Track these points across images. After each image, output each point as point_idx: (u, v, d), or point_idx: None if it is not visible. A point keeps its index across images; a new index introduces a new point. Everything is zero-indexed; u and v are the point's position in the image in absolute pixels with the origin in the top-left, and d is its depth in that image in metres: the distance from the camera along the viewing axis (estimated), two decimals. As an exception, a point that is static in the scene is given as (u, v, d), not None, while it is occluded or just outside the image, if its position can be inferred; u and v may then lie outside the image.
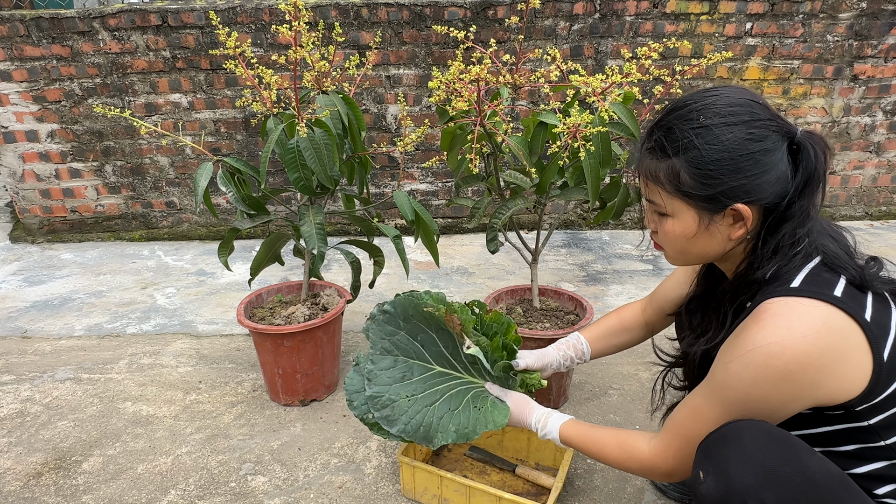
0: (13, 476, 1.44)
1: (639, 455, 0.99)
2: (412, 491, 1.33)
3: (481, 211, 1.59)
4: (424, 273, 2.68)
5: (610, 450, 1.04)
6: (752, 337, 0.80)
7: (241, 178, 1.55)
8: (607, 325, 1.33)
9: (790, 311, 0.79)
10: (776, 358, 0.77)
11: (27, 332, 2.19)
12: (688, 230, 0.90)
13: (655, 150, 0.89)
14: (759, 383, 0.79)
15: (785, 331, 0.77)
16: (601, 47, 2.92)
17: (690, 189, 0.86)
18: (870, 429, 0.81)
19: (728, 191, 0.84)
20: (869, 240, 3.03)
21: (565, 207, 3.15)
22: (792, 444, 0.78)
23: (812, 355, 0.76)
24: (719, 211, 0.87)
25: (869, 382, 0.79)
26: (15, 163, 3.01)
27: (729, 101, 0.85)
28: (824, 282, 0.82)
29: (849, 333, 0.78)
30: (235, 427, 1.61)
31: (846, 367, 0.78)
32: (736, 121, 0.83)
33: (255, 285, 2.23)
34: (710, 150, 0.83)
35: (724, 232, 0.89)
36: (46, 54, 2.80)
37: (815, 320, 0.77)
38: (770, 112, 0.85)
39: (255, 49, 2.83)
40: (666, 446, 0.95)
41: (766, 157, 0.82)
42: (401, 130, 3.02)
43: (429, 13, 2.79)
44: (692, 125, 0.85)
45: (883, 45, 2.98)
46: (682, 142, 0.85)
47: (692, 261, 0.98)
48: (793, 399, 0.80)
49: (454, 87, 1.39)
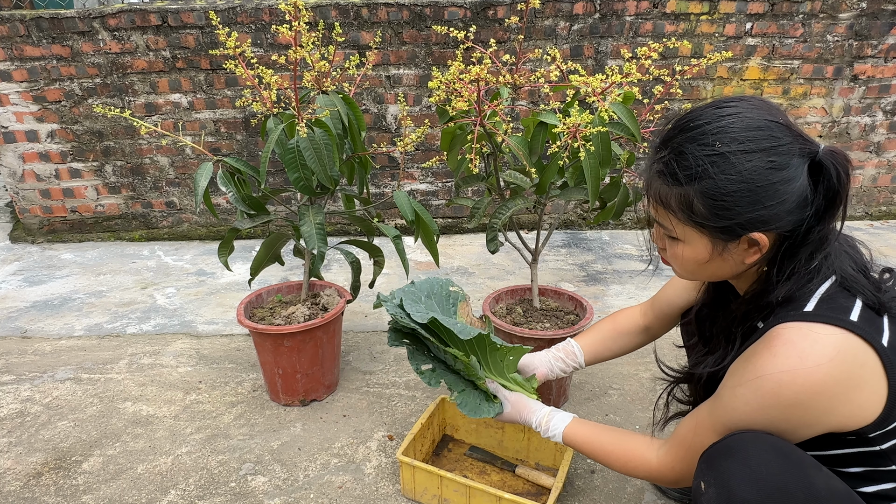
0: (13, 476, 1.44)
1: (647, 466, 0.99)
2: (412, 491, 1.33)
3: (481, 211, 1.59)
4: (424, 273, 2.68)
5: (615, 458, 1.04)
6: (762, 363, 0.77)
7: (241, 178, 1.55)
8: (601, 330, 1.32)
9: (803, 337, 0.76)
10: (787, 387, 0.75)
11: (27, 332, 2.19)
12: (700, 256, 0.86)
13: (666, 174, 0.83)
14: (765, 410, 0.78)
15: (797, 359, 0.74)
16: (601, 47, 2.92)
17: (704, 220, 0.81)
18: (881, 453, 0.79)
19: (745, 222, 0.79)
20: (869, 240, 3.01)
21: (565, 207, 3.15)
22: (798, 460, 0.76)
23: (826, 384, 0.74)
24: (734, 239, 0.82)
25: (883, 409, 0.76)
26: (15, 163, 3.01)
27: (747, 123, 0.77)
28: (839, 306, 0.78)
29: (864, 360, 0.75)
30: (235, 427, 1.61)
31: (860, 394, 0.76)
32: (755, 147, 0.76)
33: (255, 285, 2.23)
34: (727, 181, 0.77)
35: (739, 257, 0.85)
36: (46, 54, 2.80)
37: (830, 348, 0.74)
38: (792, 132, 0.78)
39: (255, 49, 2.83)
40: (672, 457, 0.95)
41: (786, 186, 0.76)
42: (401, 130, 3.02)
43: (429, 13, 2.79)
44: (706, 151, 0.78)
45: (883, 45, 2.98)
46: (695, 169, 0.79)
47: (703, 279, 0.96)
48: (802, 426, 0.78)
49: (454, 87, 1.39)
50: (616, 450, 1.04)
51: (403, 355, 1.97)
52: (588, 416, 1.64)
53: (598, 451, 1.06)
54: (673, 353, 1.20)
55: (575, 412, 1.66)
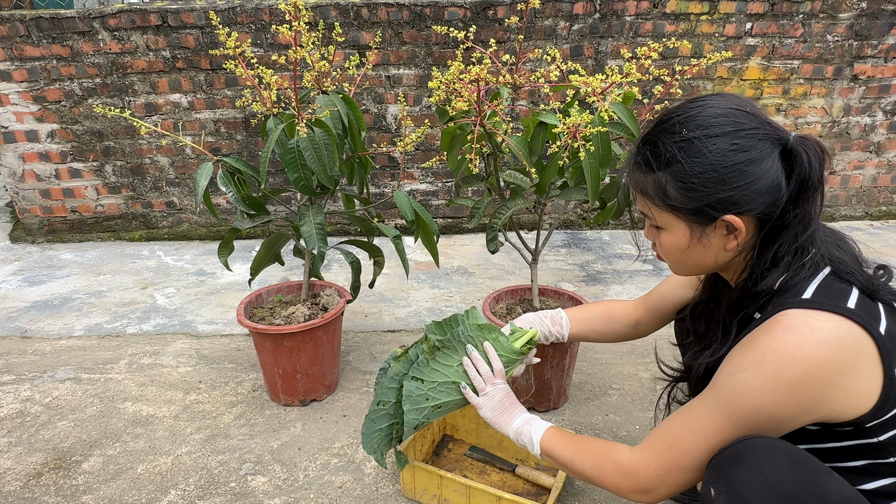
0: (13, 476, 1.44)
1: (616, 463, 0.93)
2: (412, 491, 1.33)
3: (481, 211, 1.59)
4: (424, 273, 2.68)
5: (585, 459, 0.97)
6: (763, 347, 0.78)
7: (241, 178, 1.55)
8: (592, 310, 1.30)
9: (803, 324, 0.77)
10: (788, 369, 0.76)
11: (27, 332, 2.19)
12: (680, 242, 0.90)
13: (642, 164, 0.89)
14: (769, 394, 0.77)
15: (796, 343, 0.76)
16: (601, 47, 2.92)
17: (678, 203, 0.86)
18: (879, 445, 0.79)
19: (715, 203, 0.83)
20: (869, 240, 3.03)
21: (565, 207, 3.15)
22: (810, 466, 0.76)
23: (823, 368, 0.75)
24: (710, 223, 0.86)
25: (879, 399, 0.77)
26: (15, 163, 3.01)
27: (713, 111, 0.84)
28: (837, 293, 0.80)
29: (861, 347, 0.76)
30: (235, 427, 1.61)
31: (856, 381, 0.76)
32: (718, 132, 0.82)
33: (255, 285, 2.23)
34: (694, 164, 0.83)
35: (719, 243, 0.88)
36: (46, 54, 2.80)
37: (828, 333, 0.76)
38: (757, 120, 0.83)
39: (255, 49, 2.83)
40: (651, 454, 0.89)
41: (752, 167, 0.81)
42: (401, 130, 3.02)
43: (429, 13, 2.79)
44: (675, 139, 0.84)
45: (883, 45, 2.98)
46: (665, 156, 0.85)
47: (692, 271, 0.96)
48: (800, 412, 0.78)
49: (454, 87, 1.39)
50: (589, 451, 0.98)
51: (403, 355, 1.97)
52: (588, 416, 1.64)
53: (567, 458, 1.00)
54: (672, 352, 1.19)
55: (575, 412, 1.66)
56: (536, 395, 1.64)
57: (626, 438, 1.54)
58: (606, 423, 1.61)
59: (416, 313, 2.27)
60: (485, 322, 1.14)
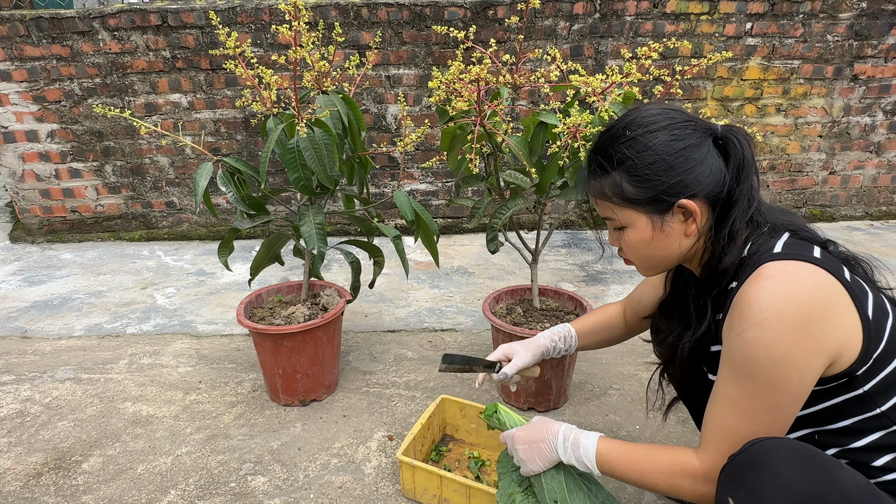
0: (13, 476, 1.44)
1: (692, 472, 0.91)
2: (412, 491, 1.33)
3: (481, 211, 1.59)
4: (424, 273, 2.68)
5: (654, 477, 0.95)
6: (754, 299, 0.82)
7: (241, 178, 1.55)
8: (595, 321, 1.35)
9: (782, 271, 0.83)
10: (784, 312, 0.79)
11: (27, 332, 2.19)
12: (644, 235, 0.96)
13: (597, 170, 0.97)
14: (778, 341, 0.79)
15: (784, 286, 0.81)
16: (601, 47, 2.92)
17: (635, 196, 0.93)
18: (864, 397, 0.84)
19: (668, 189, 0.91)
20: (869, 240, 3.03)
21: (565, 207, 3.15)
22: (822, 462, 0.77)
23: (815, 305, 0.80)
24: (667, 210, 0.93)
25: (863, 339, 0.82)
26: (15, 163, 3.01)
27: (648, 112, 0.94)
28: (802, 247, 0.87)
29: (837, 290, 0.82)
30: (235, 427, 1.61)
31: (844, 321, 0.81)
32: (657, 127, 0.91)
33: (255, 285, 2.23)
34: (642, 157, 0.91)
35: (679, 230, 0.94)
36: (46, 54, 2.80)
37: (808, 276, 0.82)
38: (687, 115, 0.94)
39: (255, 49, 2.83)
40: (715, 453, 0.88)
41: (693, 152, 0.90)
42: (401, 130, 3.02)
43: (429, 13, 2.79)
44: (621, 141, 0.93)
45: (883, 45, 2.98)
46: (616, 157, 0.93)
47: (661, 266, 1.01)
48: (812, 354, 0.80)
49: (454, 87, 1.39)
50: (653, 462, 0.95)
51: (403, 356, 1.97)
52: (588, 416, 1.64)
53: (634, 470, 0.97)
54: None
55: (575, 412, 1.66)
56: (536, 395, 1.64)
57: (626, 438, 1.54)
58: (606, 423, 1.61)
59: (416, 313, 2.27)
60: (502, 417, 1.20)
